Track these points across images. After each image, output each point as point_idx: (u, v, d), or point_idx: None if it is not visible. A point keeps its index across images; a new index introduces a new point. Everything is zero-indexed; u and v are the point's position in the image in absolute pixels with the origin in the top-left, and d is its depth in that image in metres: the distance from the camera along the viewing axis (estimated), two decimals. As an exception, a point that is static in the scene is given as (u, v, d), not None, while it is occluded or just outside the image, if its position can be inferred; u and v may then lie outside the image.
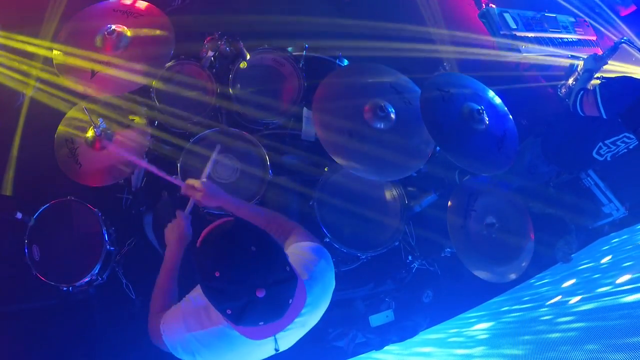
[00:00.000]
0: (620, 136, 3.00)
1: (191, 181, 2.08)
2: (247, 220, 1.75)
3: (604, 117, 2.89)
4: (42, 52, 3.38)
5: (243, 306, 1.36)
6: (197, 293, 1.71)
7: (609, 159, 3.16)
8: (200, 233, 1.52)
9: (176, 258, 2.00)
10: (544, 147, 3.44)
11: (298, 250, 1.74)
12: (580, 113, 3.01)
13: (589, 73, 3.15)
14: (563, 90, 3.35)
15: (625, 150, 3.10)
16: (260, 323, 1.41)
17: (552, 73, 4.25)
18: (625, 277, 2.84)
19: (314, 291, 1.64)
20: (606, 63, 3.19)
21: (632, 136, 2.97)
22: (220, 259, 1.38)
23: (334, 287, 1.76)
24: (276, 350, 1.68)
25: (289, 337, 1.67)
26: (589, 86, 3.08)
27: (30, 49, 3.39)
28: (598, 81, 3.10)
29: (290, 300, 1.43)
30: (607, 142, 3.08)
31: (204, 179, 2.15)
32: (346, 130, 2.77)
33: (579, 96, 3.00)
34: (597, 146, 3.12)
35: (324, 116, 2.78)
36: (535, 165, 3.52)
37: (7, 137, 3.28)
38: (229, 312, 1.38)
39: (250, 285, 1.34)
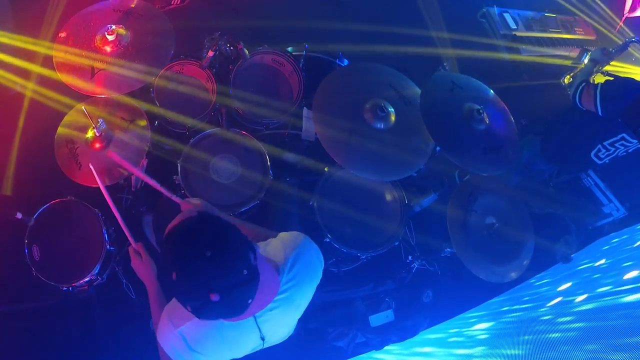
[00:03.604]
0: (618, 137, 3.00)
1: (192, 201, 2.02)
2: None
3: (599, 113, 2.88)
4: (42, 52, 3.38)
5: (200, 306, 1.37)
6: None
7: (607, 162, 3.16)
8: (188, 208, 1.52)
9: (154, 286, 2.00)
10: (544, 146, 3.44)
11: (281, 235, 1.77)
12: (579, 105, 3.02)
13: (593, 64, 3.15)
14: (566, 80, 3.35)
15: (625, 153, 3.10)
16: (220, 319, 1.42)
17: (551, 72, 4.25)
18: (633, 273, 2.83)
19: (296, 269, 1.66)
20: (613, 59, 3.19)
21: (630, 139, 2.97)
22: (176, 261, 1.38)
23: (320, 268, 1.77)
24: (262, 338, 1.69)
25: (272, 321, 1.67)
26: (591, 80, 3.08)
27: (30, 48, 3.40)
28: (603, 77, 3.11)
29: (250, 300, 1.43)
30: (605, 143, 3.08)
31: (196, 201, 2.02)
32: (346, 130, 2.77)
33: (580, 87, 3.01)
34: (596, 148, 3.12)
35: (324, 116, 2.78)
36: (533, 163, 3.52)
37: (7, 137, 3.28)
38: (189, 308, 1.40)
39: (203, 289, 1.35)
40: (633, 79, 2.93)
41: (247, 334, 1.66)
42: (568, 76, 3.33)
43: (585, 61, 3.25)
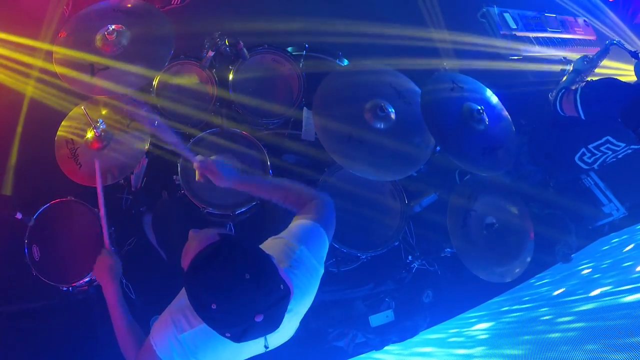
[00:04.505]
0: (603, 140, 2.95)
1: (200, 158, 2.02)
2: (267, 195, 1.75)
3: (582, 117, 2.86)
4: (42, 52, 3.38)
5: (242, 331, 1.36)
6: (180, 295, 1.72)
7: (596, 167, 3.14)
8: (202, 229, 1.51)
9: (116, 294, 1.98)
10: (530, 146, 3.43)
11: (284, 236, 1.74)
12: (560, 112, 3.00)
13: (575, 74, 3.13)
14: (554, 93, 3.35)
15: (614, 159, 3.07)
16: (259, 338, 1.42)
17: (551, 72, 4.25)
18: (597, 291, 2.85)
19: (298, 276, 1.64)
20: (597, 66, 3.17)
21: (617, 142, 2.94)
22: (214, 291, 1.34)
23: (321, 272, 1.75)
24: (266, 347, 1.68)
25: (278, 332, 1.67)
26: (573, 87, 3.06)
27: (30, 49, 3.40)
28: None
29: (286, 313, 1.44)
30: (590, 147, 3.03)
31: (213, 158, 2.05)
32: (346, 130, 2.77)
33: (559, 94, 2.99)
34: (580, 152, 3.08)
35: (324, 116, 2.78)
36: (520, 163, 3.51)
37: (7, 137, 3.28)
38: (228, 335, 1.38)
39: (248, 313, 1.34)
40: (613, 78, 2.90)
41: (251, 343, 1.65)
42: (555, 92, 3.32)
43: (569, 71, 3.24)
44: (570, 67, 3.24)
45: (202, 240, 1.46)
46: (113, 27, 2.74)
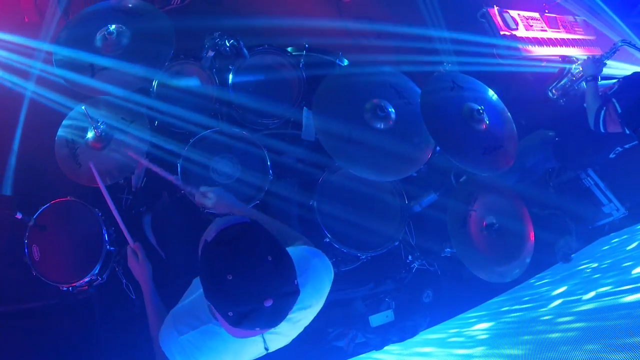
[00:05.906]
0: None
1: (204, 189, 2.07)
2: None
3: (627, 132, 2.88)
4: (42, 52, 3.38)
5: (247, 312, 1.35)
6: (183, 299, 1.74)
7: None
8: (202, 229, 1.51)
9: (149, 287, 2.04)
10: (558, 155, 3.44)
11: (293, 249, 1.75)
12: (603, 131, 2.99)
13: (596, 80, 3.14)
14: (555, 92, 3.34)
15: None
16: (257, 329, 1.41)
17: (551, 72, 4.25)
18: (591, 294, 2.85)
19: (305, 289, 1.64)
20: (605, 65, 3.19)
21: None
22: (235, 264, 1.35)
23: (328, 289, 1.77)
24: (266, 349, 1.69)
25: (278, 336, 1.68)
26: (600, 92, 3.07)
27: (30, 49, 3.40)
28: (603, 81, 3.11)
29: (290, 312, 1.43)
30: (625, 146, 3.11)
31: (212, 188, 2.11)
32: (346, 131, 2.77)
33: (602, 115, 2.96)
34: (614, 150, 3.15)
35: (324, 116, 2.78)
36: (538, 168, 3.52)
37: (7, 137, 3.28)
38: (230, 314, 1.37)
39: (260, 294, 1.34)
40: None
41: (251, 346, 1.66)
42: (555, 90, 3.31)
43: (573, 72, 3.24)
44: (573, 67, 3.25)
45: (232, 220, 1.48)
46: (113, 27, 2.74)
